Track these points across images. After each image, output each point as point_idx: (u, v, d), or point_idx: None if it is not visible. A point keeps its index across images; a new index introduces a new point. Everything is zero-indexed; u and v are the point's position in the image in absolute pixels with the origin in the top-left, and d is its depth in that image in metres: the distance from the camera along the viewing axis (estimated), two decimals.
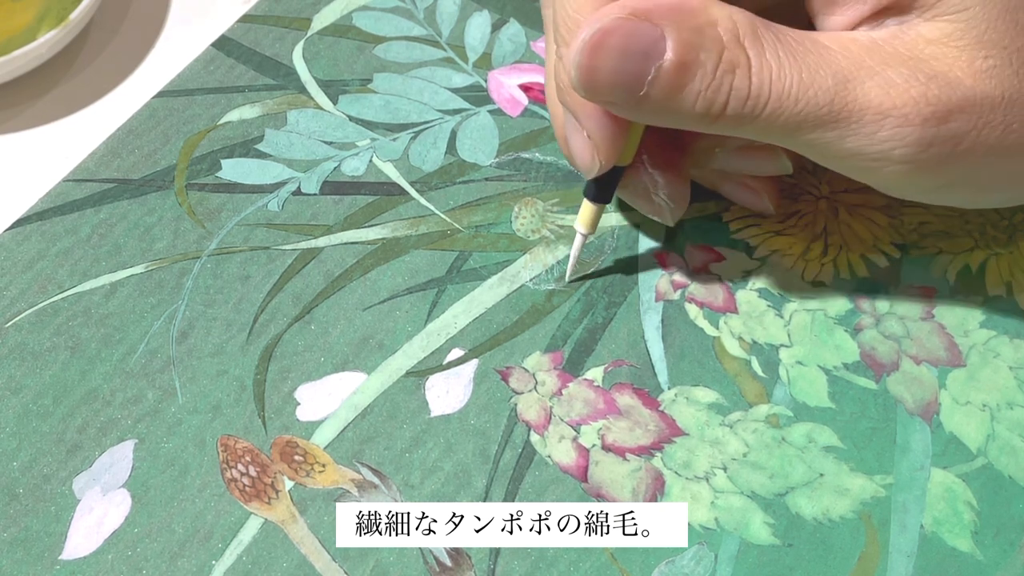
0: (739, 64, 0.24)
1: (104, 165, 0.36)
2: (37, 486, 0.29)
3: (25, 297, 0.33)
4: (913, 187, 0.26)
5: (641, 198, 0.30)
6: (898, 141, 0.24)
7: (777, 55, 0.24)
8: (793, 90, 0.24)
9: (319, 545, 0.28)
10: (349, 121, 0.36)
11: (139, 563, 0.28)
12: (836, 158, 0.25)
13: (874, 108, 0.24)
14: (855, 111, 0.24)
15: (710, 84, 0.24)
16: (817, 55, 0.24)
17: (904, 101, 0.24)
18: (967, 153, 0.25)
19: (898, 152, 0.24)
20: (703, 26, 0.24)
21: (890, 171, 0.25)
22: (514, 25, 0.39)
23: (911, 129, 0.24)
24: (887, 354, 0.30)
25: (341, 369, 0.31)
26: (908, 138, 0.24)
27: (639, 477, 0.28)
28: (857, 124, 0.24)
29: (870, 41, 0.25)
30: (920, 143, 0.24)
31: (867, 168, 0.25)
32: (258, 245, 0.33)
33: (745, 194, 0.32)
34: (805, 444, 0.29)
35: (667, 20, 0.24)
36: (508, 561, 0.27)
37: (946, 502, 0.28)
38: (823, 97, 0.24)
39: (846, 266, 0.32)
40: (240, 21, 0.40)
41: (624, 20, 0.24)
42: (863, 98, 0.24)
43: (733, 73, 0.24)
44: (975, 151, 0.25)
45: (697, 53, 0.24)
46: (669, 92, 0.24)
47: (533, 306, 0.32)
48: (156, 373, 0.31)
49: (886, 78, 0.24)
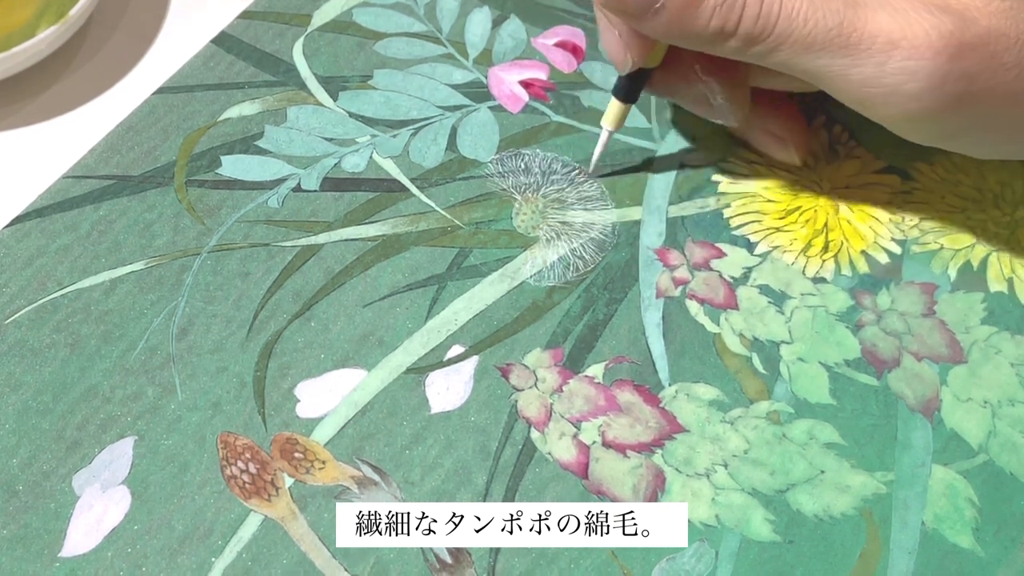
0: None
1: (104, 162, 0.36)
2: (37, 483, 0.29)
3: (25, 294, 0.33)
4: (925, 128, 0.26)
5: (701, 105, 0.31)
6: (909, 75, 0.24)
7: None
8: (803, 10, 0.24)
9: (319, 542, 0.28)
10: (349, 117, 0.36)
11: (139, 560, 0.28)
12: (848, 90, 0.25)
13: (884, 35, 0.24)
14: (865, 37, 0.24)
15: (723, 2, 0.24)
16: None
17: (916, 32, 0.24)
18: (980, 95, 0.24)
19: (909, 87, 0.24)
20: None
21: (901, 108, 0.25)
22: (514, 21, 0.39)
23: (923, 63, 0.24)
24: (888, 351, 0.30)
25: (341, 366, 0.31)
26: (919, 72, 0.24)
27: (640, 474, 0.28)
28: (867, 52, 0.24)
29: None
30: (931, 78, 0.24)
31: (878, 103, 0.25)
32: (258, 242, 0.33)
33: (772, 143, 0.32)
34: (806, 441, 0.29)
35: None
36: (508, 559, 0.27)
37: (947, 499, 0.28)
38: (832, 19, 0.24)
39: (847, 262, 0.32)
40: (240, 17, 0.40)
41: None
42: (873, 24, 0.24)
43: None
44: (989, 93, 0.24)
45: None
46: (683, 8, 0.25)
47: (534, 303, 0.32)
48: (156, 370, 0.31)
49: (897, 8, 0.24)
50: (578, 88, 0.37)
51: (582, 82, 0.37)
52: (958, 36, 0.24)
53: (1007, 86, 0.24)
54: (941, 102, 0.24)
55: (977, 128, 0.26)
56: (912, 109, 0.25)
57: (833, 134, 0.34)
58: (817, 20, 0.24)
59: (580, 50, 0.38)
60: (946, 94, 0.24)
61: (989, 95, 0.24)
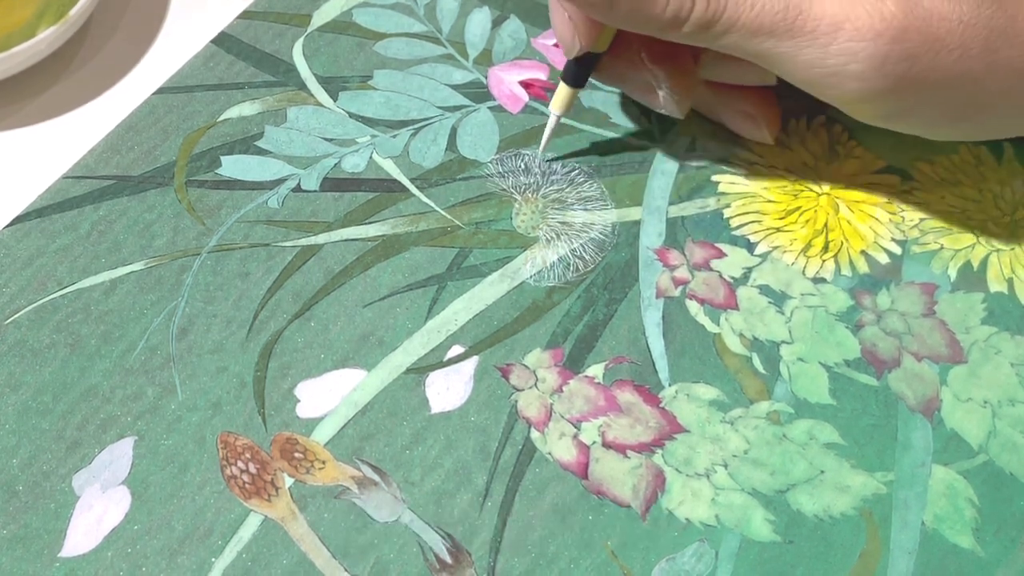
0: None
1: (104, 162, 0.36)
2: (37, 483, 0.29)
3: (25, 294, 0.33)
4: (872, 109, 0.27)
5: (647, 93, 0.31)
6: (851, 56, 0.25)
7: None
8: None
9: (319, 542, 0.28)
10: (349, 118, 0.36)
11: (139, 560, 0.28)
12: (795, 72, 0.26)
13: (828, 18, 0.25)
14: (809, 20, 0.25)
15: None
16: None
17: (858, 14, 0.24)
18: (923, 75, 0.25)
19: (852, 68, 0.25)
20: None
21: (846, 88, 0.26)
22: (514, 21, 0.39)
23: (864, 44, 0.25)
24: (888, 351, 0.30)
25: (341, 366, 0.31)
26: (861, 53, 0.25)
27: (640, 474, 0.28)
28: (811, 35, 0.25)
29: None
30: (873, 59, 0.25)
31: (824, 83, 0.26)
32: (258, 242, 0.33)
33: (743, 122, 0.33)
34: (806, 441, 0.29)
35: None
36: (508, 558, 0.27)
37: (947, 499, 0.28)
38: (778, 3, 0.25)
39: (847, 262, 0.32)
40: (240, 17, 0.40)
41: None
42: (817, 8, 0.25)
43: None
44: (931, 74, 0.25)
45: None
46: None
47: (534, 303, 0.32)
48: (156, 370, 0.31)
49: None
50: None
51: None
52: (900, 18, 0.24)
53: (949, 67, 0.25)
54: (884, 82, 0.25)
55: (922, 108, 0.27)
56: (856, 89, 0.26)
57: (833, 134, 0.34)
58: (764, 4, 0.25)
59: None
60: (888, 74, 0.25)
61: (931, 76, 0.25)
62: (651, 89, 0.31)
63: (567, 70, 0.32)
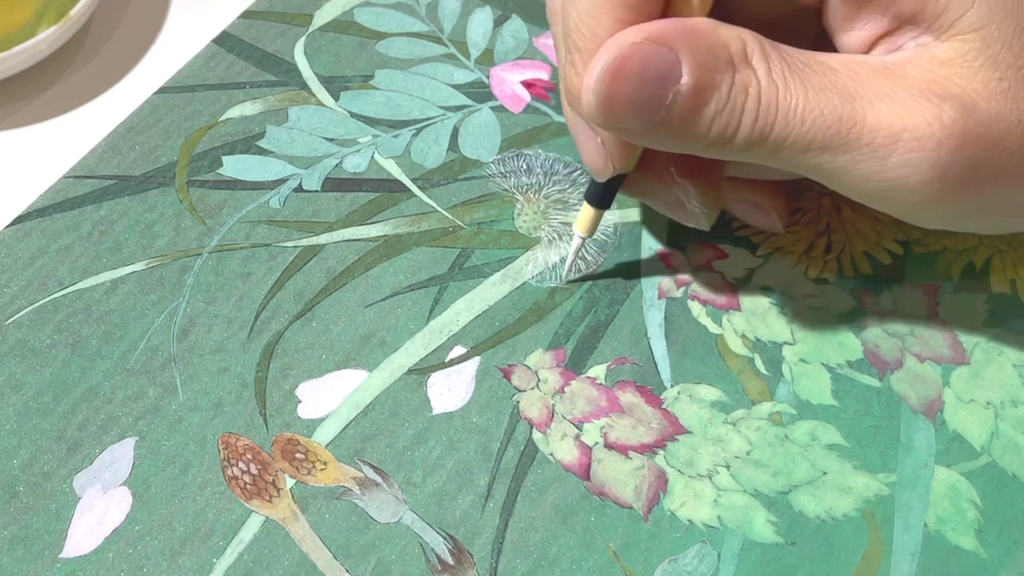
0: (750, 84, 0.23)
1: (105, 162, 0.36)
2: (37, 484, 0.29)
3: (25, 294, 0.32)
4: (932, 216, 0.25)
5: (675, 208, 0.29)
6: (912, 168, 0.23)
7: (783, 75, 0.23)
8: (799, 109, 0.23)
9: (320, 543, 0.28)
10: (351, 117, 0.36)
11: (140, 561, 0.27)
12: (850, 186, 0.24)
13: (884, 129, 0.23)
14: (865, 132, 0.23)
15: (724, 106, 0.23)
16: (822, 75, 0.24)
17: (916, 123, 0.23)
18: (984, 180, 0.24)
19: (912, 180, 0.23)
20: (715, 47, 0.23)
21: (905, 200, 0.24)
22: (516, 21, 0.39)
23: (926, 154, 0.23)
24: (891, 352, 0.30)
25: (343, 367, 0.31)
26: (923, 164, 0.23)
27: (642, 475, 0.28)
28: (868, 147, 0.23)
29: (880, 64, 0.24)
30: (935, 169, 0.23)
31: (881, 196, 0.24)
32: (259, 242, 0.33)
33: (754, 213, 0.31)
34: (808, 442, 0.29)
35: (681, 43, 0.23)
36: (510, 559, 0.27)
37: (950, 500, 0.28)
38: (830, 116, 0.23)
39: (849, 263, 0.32)
40: (241, 17, 0.40)
41: (641, 45, 0.23)
42: (872, 119, 0.23)
43: (746, 93, 0.23)
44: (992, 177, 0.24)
45: (713, 75, 0.23)
46: (686, 116, 0.24)
47: (535, 303, 0.32)
48: (157, 370, 0.31)
49: (895, 98, 0.23)
50: None
51: None
52: (960, 124, 0.23)
53: (1011, 170, 0.24)
54: (945, 191, 0.24)
55: (984, 211, 0.25)
56: (916, 201, 0.24)
57: None
58: (815, 119, 0.23)
59: None
60: (950, 183, 0.24)
61: (993, 180, 0.24)
62: (679, 204, 0.29)
63: (592, 191, 0.29)
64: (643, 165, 0.28)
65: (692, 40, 0.23)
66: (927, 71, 0.24)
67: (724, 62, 0.23)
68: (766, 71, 0.23)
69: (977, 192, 0.24)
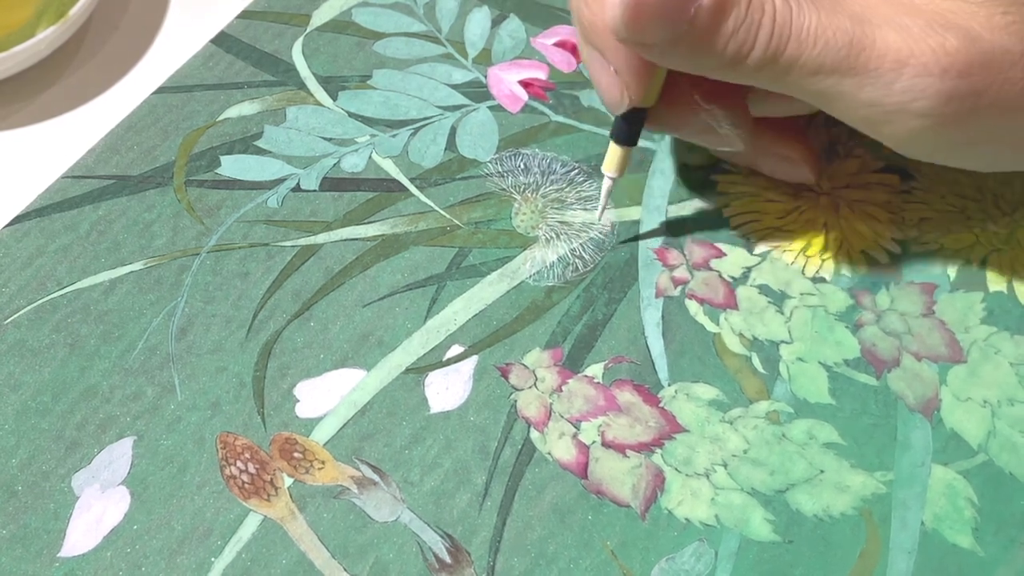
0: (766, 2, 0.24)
1: (103, 162, 0.36)
2: (36, 483, 0.29)
3: (24, 294, 0.33)
4: (931, 145, 0.26)
5: (707, 135, 0.30)
6: (917, 92, 0.24)
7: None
8: (812, 29, 0.24)
9: (318, 542, 0.28)
10: (348, 117, 0.36)
11: (138, 560, 0.28)
12: (854, 110, 0.25)
13: (892, 55, 0.24)
14: (873, 57, 0.24)
15: (742, 23, 0.24)
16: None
17: (922, 50, 0.24)
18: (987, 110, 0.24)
19: (917, 104, 0.24)
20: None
21: (908, 126, 0.25)
22: (514, 21, 0.39)
23: (930, 80, 0.24)
24: (888, 350, 0.30)
25: (340, 366, 0.31)
26: (927, 90, 0.24)
27: (639, 474, 0.28)
28: (875, 72, 0.24)
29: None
30: (939, 96, 0.24)
31: (885, 121, 0.25)
32: (257, 242, 0.33)
33: (784, 166, 0.32)
34: (805, 440, 0.29)
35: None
36: (508, 558, 0.27)
37: (947, 498, 0.28)
38: (841, 38, 0.24)
39: (847, 262, 0.32)
40: (239, 17, 0.40)
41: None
42: (881, 43, 0.24)
43: (762, 11, 0.24)
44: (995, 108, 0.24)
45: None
46: (706, 31, 0.24)
47: (533, 302, 0.32)
48: (155, 370, 0.31)
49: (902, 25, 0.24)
50: (578, 88, 0.37)
51: (582, 82, 0.37)
52: (964, 53, 0.24)
53: (1011, 100, 0.24)
54: (946, 118, 0.24)
55: (982, 142, 0.26)
56: (917, 126, 0.25)
57: (833, 134, 0.34)
58: (827, 40, 0.24)
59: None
60: (952, 111, 0.24)
61: (993, 109, 0.24)
62: (710, 129, 0.29)
63: (616, 129, 0.30)
64: (667, 98, 0.29)
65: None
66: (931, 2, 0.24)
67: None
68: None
69: (976, 121, 0.25)
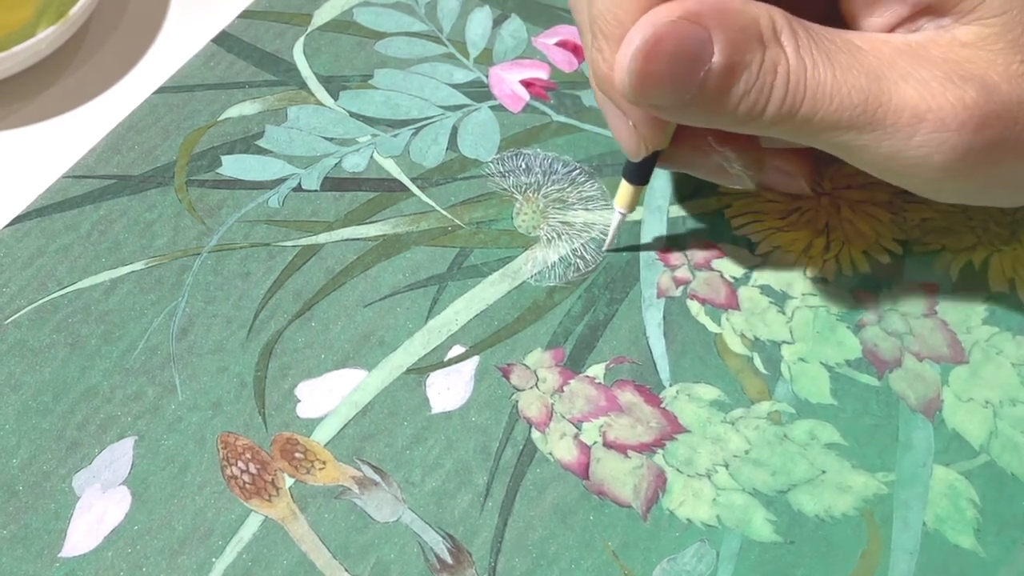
0: (779, 62, 0.24)
1: (104, 161, 0.36)
2: (37, 483, 0.29)
3: (25, 294, 0.32)
4: (953, 191, 0.26)
5: (718, 174, 0.30)
6: (935, 147, 0.24)
7: (811, 53, 0.24)
8: (827, 88, 0.24)
9: (319, 542, 0.28)
10: (350, 117, 0.36)
11: (139, 560, 0.28)
12: (874, 162, 0.25)
13: (910, 110, 0.24)
14: (890, 112, 0.24)
15: (754, 84, 0.24)
16: (849, 54, 0.24)
17: (940, 104, 0.24)
18: (1004, 159, 0.24)
19: (936, 158, 0.24)
20: (747, 26, 0.24)
21: (928, 177, 0.25)
22: (515, 20, 0.39)
23: (948, 135, 0.24)
24: (889, 351, 0.30)
25: (342, 366, 0.31)
26: (945, 144, 0.24)
27: (640, 474, 0.28)
28: (893, 127, 0.24)
29: (903, 43, 0.25)
30: (957, 149, 0.24)
31: (904, 174, 0.25)
32: (258, 242, 0.33)
33: (781, 178, 0.32)
34: (807, 441, 0.29)
35: (713, 22, 0.24)
36: (509, 559, 0.27)
37: (948, 499, 0.28)
38: (857, 96, 0.24)
39: (848, 262, 0.32)
40: (240, 17, 0.40)
41: (676, 24, 0.23)
42: (897, 99, 0.24)
43: (775, 72, 0.24)
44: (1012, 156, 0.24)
45: (743, 54, 0.24)
46: (716, 94, 0.24)
47: (534, 303, 0.32)
48: (156, 370, 0.31)
49: (920, 79, 0.24)
50: (579, 87, 0.37)
51: (583, 81, 0.37)
52: (982, 106, 0.24)
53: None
54: (965, 169, 0.24)
55: (1000, 186, 0.26)
56: (937, 177, 0.25)
57: None
58: (842, 98, 0.24)
59: (581, 49, 0.38)
60: (971, 162, 0.24)
61: (1010, 156, 0.25)
62: (721, 170, 0.30)
63: (628, 170, 0.30)
64: (680, 138, 0.29)
65: (724, 19, 0.24)
66: (949, 52, 0.24)
67: (754, 40, 0.24)
68: (794, 49, 0.24)
69: (995, 169, 0.25)
